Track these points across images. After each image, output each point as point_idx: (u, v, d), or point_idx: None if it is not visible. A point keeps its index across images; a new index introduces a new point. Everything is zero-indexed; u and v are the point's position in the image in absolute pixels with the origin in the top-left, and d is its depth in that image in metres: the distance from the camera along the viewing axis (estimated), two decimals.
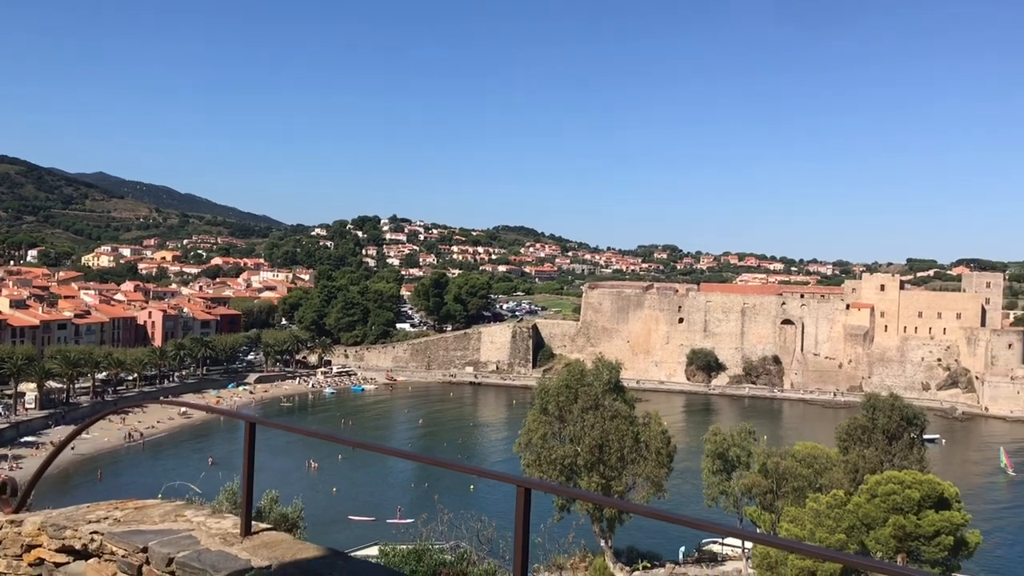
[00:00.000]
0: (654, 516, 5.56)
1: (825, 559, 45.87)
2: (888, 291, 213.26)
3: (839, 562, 45.91)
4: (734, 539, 74.19)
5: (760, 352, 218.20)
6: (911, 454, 67.49)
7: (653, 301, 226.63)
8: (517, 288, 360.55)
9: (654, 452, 68.32)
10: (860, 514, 51.80)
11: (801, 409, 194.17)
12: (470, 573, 16.37)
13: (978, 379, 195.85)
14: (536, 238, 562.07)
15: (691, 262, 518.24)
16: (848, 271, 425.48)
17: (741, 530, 4.28)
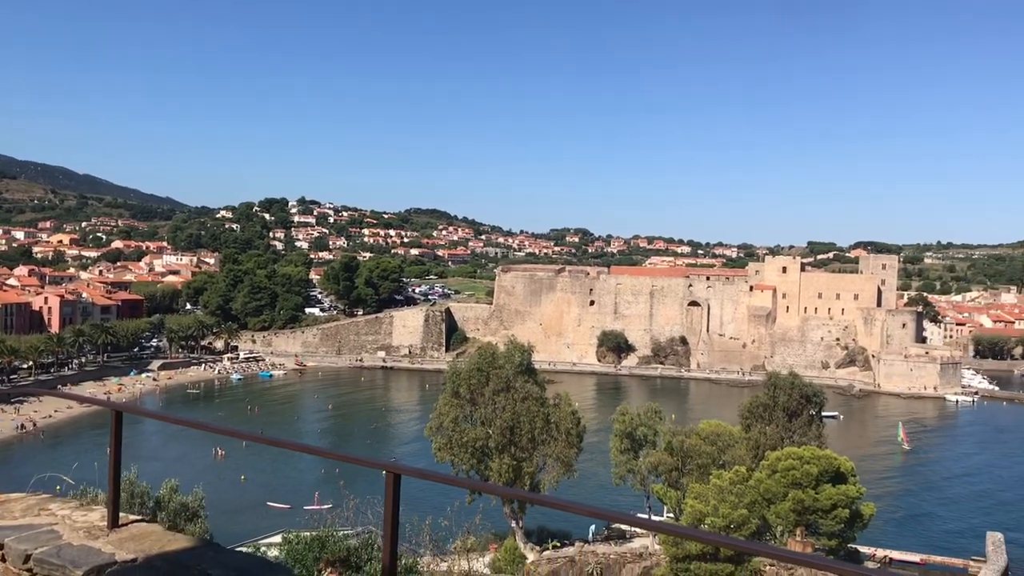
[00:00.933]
0: (534, 501, 5.44)
1: (713, 544, 47.09)
2: (790, 273, 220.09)
3: (729, 547, 47.20)
4: (641, 516, 75.42)
5: (668, 333, 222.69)
6: (810, 430, 69.87)
7: (565, 284, 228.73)
8: (430, 271, 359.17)
9: (564, 433, 68.92)
10: (761, 489, 53.37)
11: (707, 388, 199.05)
12: (368, 558, 16.10)
13: (874, 357, 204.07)
14: (449, 221, 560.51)
15: (602, 245, 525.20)
16: (752, 254, 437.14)
17: (631, 516, 4.22)
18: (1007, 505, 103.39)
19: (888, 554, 78.75)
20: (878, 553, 77.34)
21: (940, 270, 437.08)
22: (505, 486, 61.71)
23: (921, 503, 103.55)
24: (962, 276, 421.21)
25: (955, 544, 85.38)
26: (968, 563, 78.03)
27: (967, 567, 77.31)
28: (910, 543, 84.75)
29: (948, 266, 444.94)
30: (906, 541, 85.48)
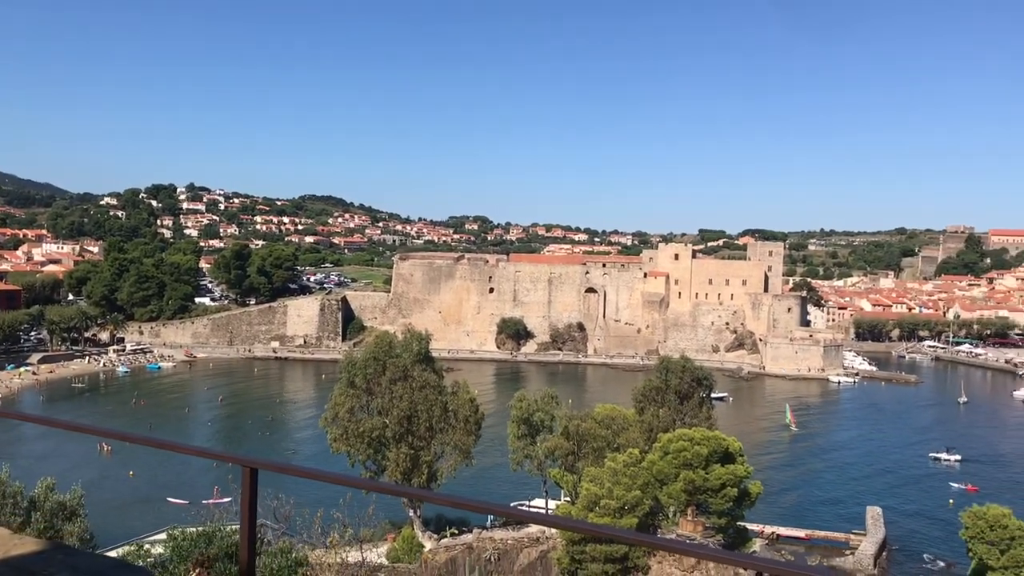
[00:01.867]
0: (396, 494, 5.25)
1: (596, 534, 47.90)
2: (682, 260, 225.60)
3: (619, 540, 48.10)
4: (539, 501, 76.48)
5: (566, 320, 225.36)
6: (700, 412, 71.79)
7: (464, 272, 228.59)
8: (325, 259, 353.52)
9: (462, 420, 68.94)
10: (654, 471, 54.54)
11: (604, 373, 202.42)
12: (257, 553, 15.68)
13: (762, 341, 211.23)
14: (345, 208, 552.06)
15: (501, 233, 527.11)
16: (646, 241, 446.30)
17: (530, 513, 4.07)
18: (887, 480, 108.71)
19: (775, 530, 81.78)
20: (766, 530, 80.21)
21: (823, 256, 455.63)
22: (371, 479, 61.36)
23: (806, 481, 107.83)
24: (843, 262, 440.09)
25: (838, 519, 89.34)
26: (849, 536, 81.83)
27: (848, 540, 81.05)
28: (796, 519, 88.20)
29: (831, 253, 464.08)
30: (792, 517, 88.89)
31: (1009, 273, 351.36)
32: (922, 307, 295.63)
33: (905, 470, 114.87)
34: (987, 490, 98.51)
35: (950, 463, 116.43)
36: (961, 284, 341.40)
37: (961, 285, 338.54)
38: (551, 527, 46.77)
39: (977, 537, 52.54)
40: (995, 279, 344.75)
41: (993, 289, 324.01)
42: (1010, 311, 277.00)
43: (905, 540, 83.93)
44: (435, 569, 54.54)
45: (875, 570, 73.65)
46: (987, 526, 52.04)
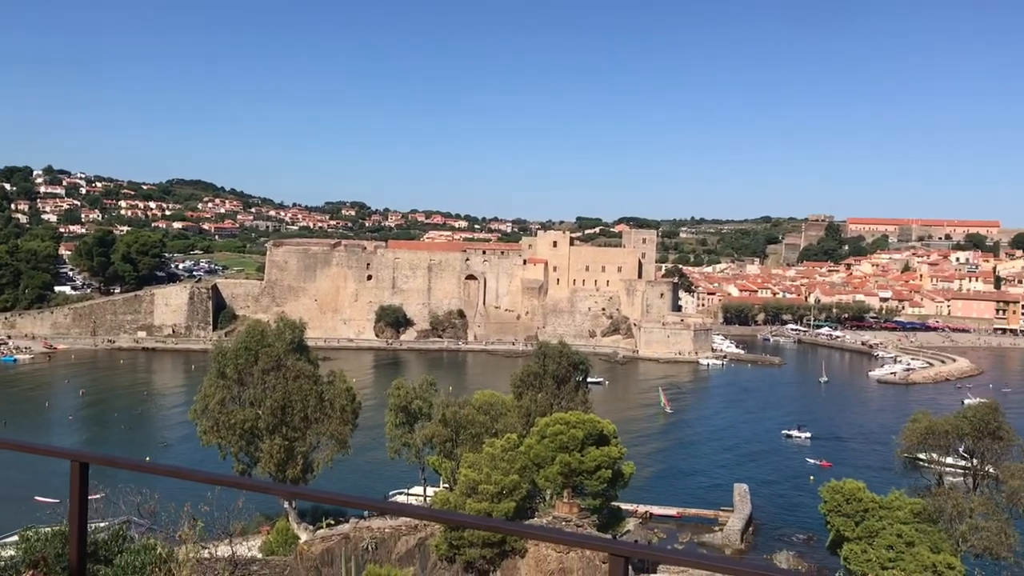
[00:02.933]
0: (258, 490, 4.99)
1: (471, 527, 48.17)
2: (560, 247, 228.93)
3: (494, 530, 48.47)
4: (417, 488, 76.28)
5: (446, 307, 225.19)
6: (577, 396, 73.07)
7: (341, 259, 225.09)
8: (195, 246, 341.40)
9: (339, 410, 68.00)
10: (531, 455, 55.15)
11: (484, 359, 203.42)
12: (119, 550, 14.92)
13: (636, 326, 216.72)
14: (215, 193, 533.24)
15: (380, 219, 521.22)
16: (526, 228, 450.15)
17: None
18: (752, 458, 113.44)
19: (648, 509, 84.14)
20: (639, 509, 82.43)
21: (694, 244, 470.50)
22: (206, 472, 60.05)
23: (678, 460, 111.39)
24: (713, 249, 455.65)
25: (707, 496, 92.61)
26: (718, 513, 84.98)
27: (717, 517, 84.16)
28: (668, 498, 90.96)
29: (700, 240, 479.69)
30: (665, 496, 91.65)
31: (865, 259, 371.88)
32: (785, 292, 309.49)
33: (768, 448, 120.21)
34: (841, 465, 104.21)
35: (801, 440, 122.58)
36: (821, 270, 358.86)
37: (821, 271, 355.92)
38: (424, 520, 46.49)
39: (834, 510, 55.42)
40: (852, 265, 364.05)
41: (851, 275, 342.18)
42: (866, 295, 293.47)
43: (770, 515, 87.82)
44: (310, 561, 53.57)
45: (742, 545, 76.81)
46: (843, 499, 54.95)
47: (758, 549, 77.18)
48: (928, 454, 61.28)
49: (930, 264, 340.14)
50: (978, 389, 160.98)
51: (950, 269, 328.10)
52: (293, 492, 4.89)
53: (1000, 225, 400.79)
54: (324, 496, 4.96)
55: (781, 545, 77.13)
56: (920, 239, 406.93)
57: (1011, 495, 53.45)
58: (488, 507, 49.32)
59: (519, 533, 4.51)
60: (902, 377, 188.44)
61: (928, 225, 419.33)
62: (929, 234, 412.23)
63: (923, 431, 59.00)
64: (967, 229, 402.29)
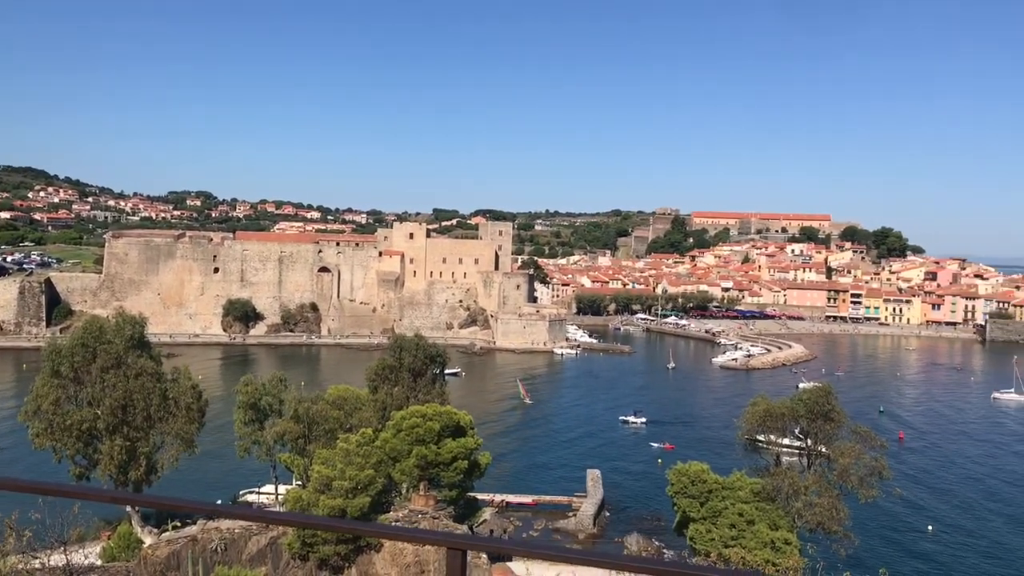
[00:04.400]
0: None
1: (323, 528, 47.43)
2: (416, 239, 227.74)
3: (331, 529, 47.82)
4: (269, 487, 74.25)
5: (298, 300, 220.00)
6: (434, 388, 72.87)
7: (186, 251, 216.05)
8: (25, 238, 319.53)
9: (184, 408, 65.27)
10: (387, 449, 54.60)
11: (338, 354, 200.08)
12: None
13: (493, 317, 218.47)
14: (48, 181, 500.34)
15: (227, 210, 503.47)
16: (381, 220, 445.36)
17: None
18: (603, 444, 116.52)
19: (504, 498, 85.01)
20: (496, 499, 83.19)
21: (548, 236, 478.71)
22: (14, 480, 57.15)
23: (535, 449, 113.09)
24: (566, 242, 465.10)
25: (562, 483, 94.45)
26: (572, 499, 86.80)
27: (571, 503, 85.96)
28: (524, 486, 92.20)
29: (555, 233, 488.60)
30: (521, 485, 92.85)
31: (708, 251, 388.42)
32: (635, 283, 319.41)
33: (619, 433, 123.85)
34: (687, 448, 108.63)
35: (637, 425, 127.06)
36: (668, 262, 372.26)
37: (668, 263, 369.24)
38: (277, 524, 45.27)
39: (681, 492, 57.59)
40: (697, 257, 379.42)
41: (695, 266, 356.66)
42: (709, 286, 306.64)
43: (621, 499, 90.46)
44: (155, 566, 51.17)
45: (594, 529, 78.77)
46: (689, 482, 57.18)
47: (610, 533, 79.35)
48: (767, 436, 64.51)
49: (768, 256, 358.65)
50: (812, 373, 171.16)
51: (786, 260, 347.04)
52: (115, 497, 4.50)
53: (831, 219, 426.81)
54: (152, 501, 4.59)
55: (632, 528, 79.53)
56: (759, 232, 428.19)
57: (841, 473, 57.00)
58: (342, 503, 48.48)
59: (357, 531, 4.32)
60: (743, 363, 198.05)
61: (766, 219, 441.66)
62: (767, 227, 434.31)
63: (762, 414, 62.02)
64: (801, 223, 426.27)
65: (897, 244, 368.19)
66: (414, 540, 3.79)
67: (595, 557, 4.44)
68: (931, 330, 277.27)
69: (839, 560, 52.47)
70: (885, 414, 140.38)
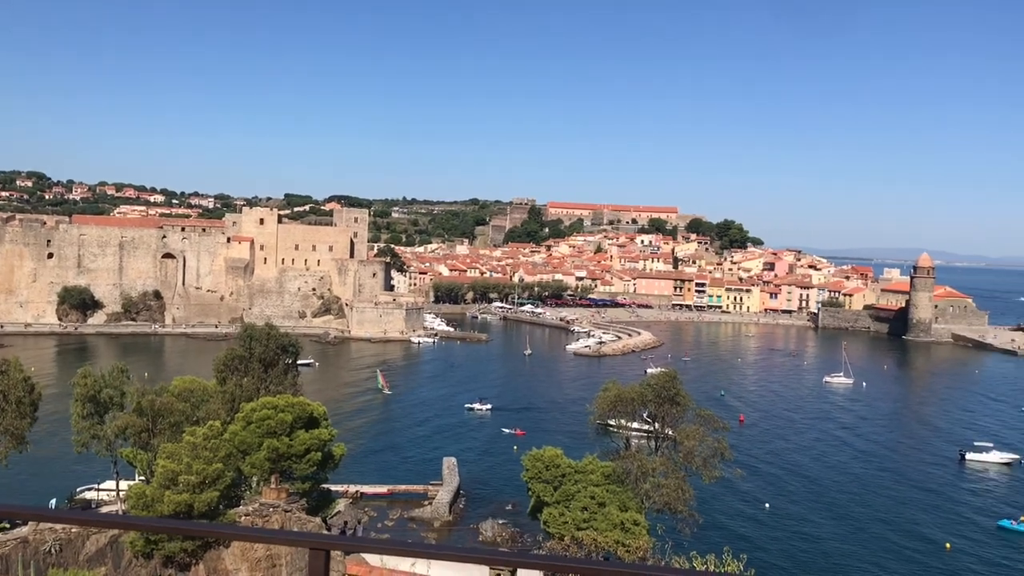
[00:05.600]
0: None
1: (164, 531, 45.85)
2: (267, 225, 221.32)
3: (187, 533, 46.28)
4: (109, 483, 70.72)
5: (140, 287, 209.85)
6: (286, 379, 71.06)
7: (16, 235, 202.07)
8: None
9: (14, 402, 61.18)
10: (236, 442, 52.91)
11: (184, 343, 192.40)
12: None
13: (348, 306, 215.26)
14: None
15: (62, 192, 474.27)
16: (230, 205, 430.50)
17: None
18: (458, 432, 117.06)
19: (359, 489, 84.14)
20: (350, 489, 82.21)
21: (406, 224, 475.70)
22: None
23: (391, 438, 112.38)
24: (424, 229, 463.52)
25: (418, 472, 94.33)
26: (428, 488, 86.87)
27: (427, 491, 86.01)
28: (380, 476, 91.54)
29: (412, 220, 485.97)
30: (377, 475, 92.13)
31: (563, 241, 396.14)
32: (492, 271, 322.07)
33: (467, 421, 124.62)
34: (542, 433, 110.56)
35: (482, 412, 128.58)
36: (525, 251, 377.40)
37: (525, 252, 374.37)
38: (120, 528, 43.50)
39: (535, 477, 58.55)
40: (552, 246, 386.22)
41: (551, 255, 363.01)
42: (564, 275, 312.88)
43: (477, 485, 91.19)
44: None
45: (450, 516, 79.13)
46: (543, 467, 58.20)
47: (466, 519, 79.93)
48: (617, 420, 66.41)
49: (619, 246, 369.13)
50: (659, 359, 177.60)
51: (636, 251, 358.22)
52: None
53: (678, 211, 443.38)
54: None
55: (487, 514, 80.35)
56: (611, 223, 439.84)
57: (686, 454, 59.41)
58: (189, 499, 46.65)
59: (215, 534, 4.12)
60: (595, 350, 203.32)
61: (618, 210, 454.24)
62: (618, 218, 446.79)
63: (613, 399, 63.83)
64: (651, 214, 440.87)
65: (738, 236, 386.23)
66: (276, 541, 3.68)
67: (449, 551, 4.41)
68: (769, 317, 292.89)
69: (685, 539, 54.77)
70: (727, 397, 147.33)
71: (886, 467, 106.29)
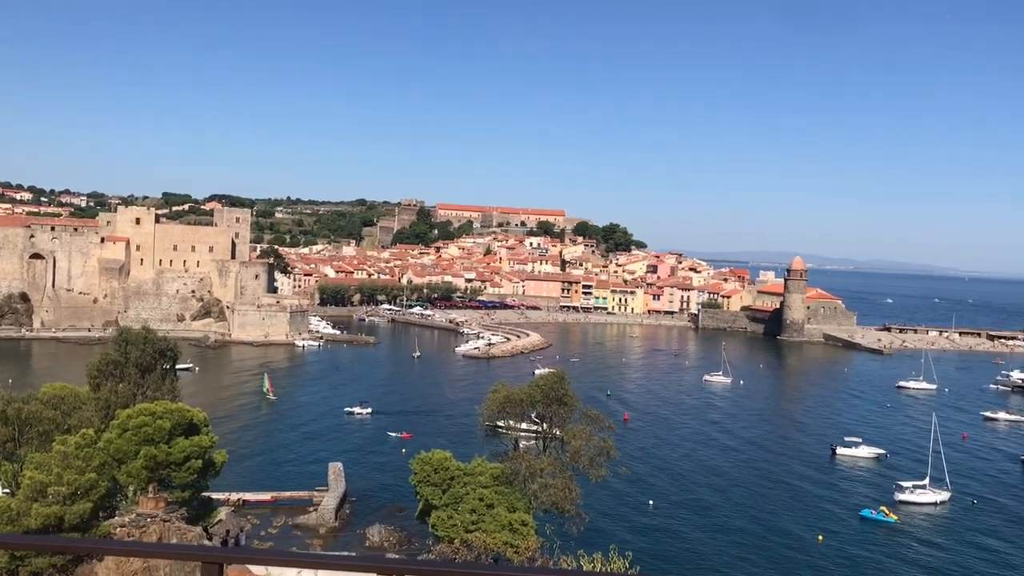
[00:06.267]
0: None
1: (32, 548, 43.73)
2: (144, 225, 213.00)
3: (69, 551, 44.20)
4: None
5: (5, 290, 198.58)
6: (164, 385, 68.50)
7: None
8: None
9: None
10: (111, 450, 50.68)
11: (54, 348, 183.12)
12: None
13: (229, 308, 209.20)
14: None
15: None
16: (104, 204, 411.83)
17: None
18: (345, 437, 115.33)
19: (241, 496, 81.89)
20: (232, 497, 79.93)
21: (290, 224, 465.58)
22: None
23: (277, 444, 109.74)
24: (309, 230, 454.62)
25: (304, 478, 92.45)
26: (313, 494, 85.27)
27: (312, 497, 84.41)
28: (264, 483, 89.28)
29: (297, 221, 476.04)
30: (260, 482, 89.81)
31: (453, 243, 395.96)
32: (380, 273, 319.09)
33: (354, 424, 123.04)
34: (430, 436, 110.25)
35: (363, 416, 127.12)
36: (414, 252, 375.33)
37: (413, 253, 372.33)
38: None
39: (424, 480, 58.30)
40: (441, 248, 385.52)
41: (440, 257, 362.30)
42: (453, 276, 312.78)
43: (364, 490, 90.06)
44: None
45: (336, 523, 77.92)
46: (432, 470, 58.02)
47: (352, 525, 78.82)
48: (506, 421, 66.83)
49: (508, 248, 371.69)
50: (547, 360, 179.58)
51: (525, 253, 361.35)
52: None
53: (565, 214, 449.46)
54: None
55: (375, 519, 79.48)
56: (500, 225, 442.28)
57: (573, 454, 60.26)
58: (59, 511, 44.38)
59: (101, 550, 3.92)
60: (484, 352, 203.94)
61: (507, 212, 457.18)
62: (508, 220, 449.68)
63: (502, 400, 64.18)
64: (539, 217, 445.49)
65: (623, 239, 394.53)
66: (169, 556, 3.51)
67: (335, 560, 4.34)
68: (652, 319, 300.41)
69: (572, 538, 55.50)
70: (612, 397, 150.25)
71: (763, 463, 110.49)
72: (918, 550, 79.27)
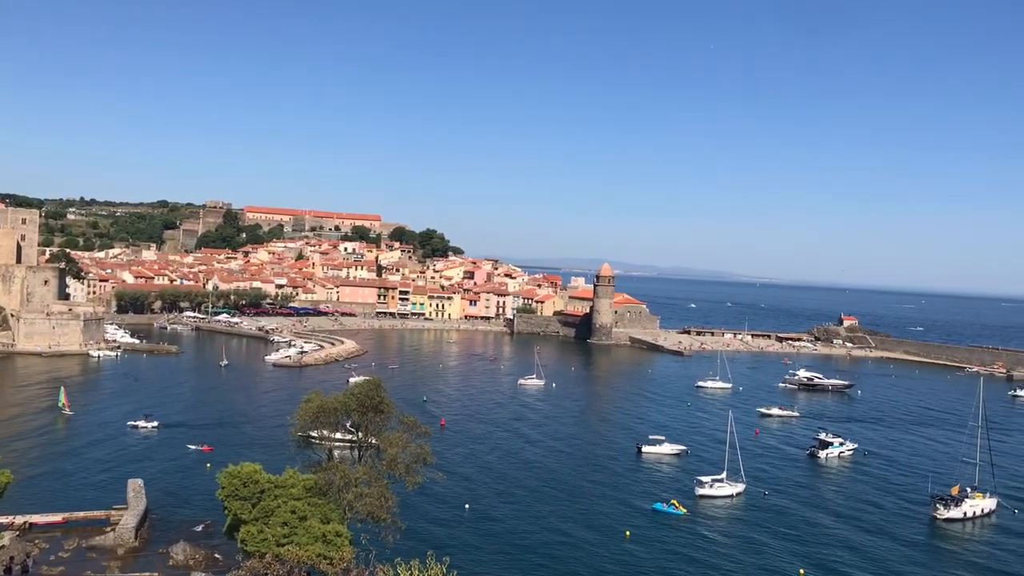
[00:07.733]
0: None
1: None
2: None
3: None
4: None
5: None
6: None
7: None
8: None
9: None
10: None
11: None
12: None
13: (14, 316, 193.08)
14: None
15: None
16: None
17: None
18: (146, 452, 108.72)
19: (28, 519, 75.54)
20: (17, 520, 73.64)
21: (84, 226, 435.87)
22: None
23: (69, 462, 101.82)
24: (105, 233, 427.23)
25: (101, 496, 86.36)
26: (110, 513, 79.80)
27: (109, 517, 78.97)
28: (55, 504, 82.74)
29: (92, 222, 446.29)
30: (51, 503, 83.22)
31: (262, 247, 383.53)
32: (184, 279, 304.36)
33: (149, 439, 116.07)
34: (239, 448, 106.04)
35: (148, 430, 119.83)
36: (220, 257, 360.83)
37: (220, 258, 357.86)
38: None
39: (232, 495, 55.80)
40: (250, 253, 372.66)
41: (248, 262, 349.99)
42: (263, 282, 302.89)
43: (167, 507, 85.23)
44: None
45: (136, 542, 73.29)
46: (241, 483, 55.63)
47: (154, 543, 74.36)
48: (320, 431, 65.14)
49: (322, 253, 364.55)
50: (364, 368, 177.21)
51: (339, 258, 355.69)
52: None
53: (382, 219, 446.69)
54: None
55: (179, 536, 75.37)
56: (313, 229, 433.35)
57: (390, 462, 59.57)
58: None
59: None
60: (296, 360, 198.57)
61: (320, 216, 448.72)
62: (321, 225, 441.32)
63: (315, 410, 62.48)
64: (354, 222, 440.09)
65: (440, 245, 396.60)
66: None
67: None
68: (469, 324, 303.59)
69: (388, 547, 54.83)
70: (429, 403, 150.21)
71: (576, 463, 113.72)
72: (707, 538, 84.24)
